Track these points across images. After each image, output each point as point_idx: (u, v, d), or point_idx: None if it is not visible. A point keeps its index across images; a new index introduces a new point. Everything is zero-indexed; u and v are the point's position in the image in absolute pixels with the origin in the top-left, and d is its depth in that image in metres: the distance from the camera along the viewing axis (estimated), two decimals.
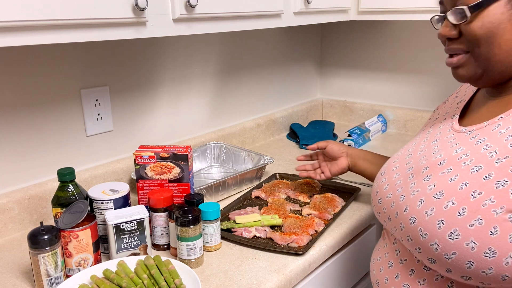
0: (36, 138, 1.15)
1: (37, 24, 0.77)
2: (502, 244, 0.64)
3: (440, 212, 0.70)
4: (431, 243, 0.70)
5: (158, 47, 1.38)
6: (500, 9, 0.69)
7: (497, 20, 0.70)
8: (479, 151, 0.72)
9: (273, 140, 1.86)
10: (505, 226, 0.64)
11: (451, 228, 0.68)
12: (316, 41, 2.07)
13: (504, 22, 0.69)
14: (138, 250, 0.96)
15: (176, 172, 1.07)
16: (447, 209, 0.69)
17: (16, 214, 1.10)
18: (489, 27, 0.70)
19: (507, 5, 0.69)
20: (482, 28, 0.71)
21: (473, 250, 0.66)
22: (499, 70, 0.74)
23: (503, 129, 0.71)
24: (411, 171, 0.82)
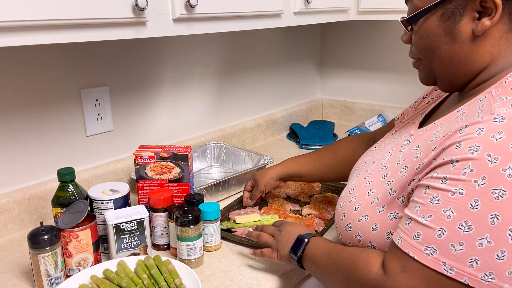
0: (36, 138, 1.15)
1: (37, 24, 0.77)
2: (379, 241, 0.69)
3: (346, 206, 0.77)
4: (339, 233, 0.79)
5: (158, 47, 1.38)
6: (435, 21, 0.69)
7: (433, 33, 0.70)
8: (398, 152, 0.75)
9: (273, 140, 1.86)
10: (384, 224, 0.69)
11: (348, 220, 0.75)
12: (316, 41, 2.07)
13: (441, 35, 0.69)
14: (138, 250, 0.96)
15: (176, 172, 1.07)
16: (350, 203, 0.76)
17: (16, 214, 1.10)
18: (427, 40, 0.71)
19: (441, 18, 0.68)
20: (422, 40, 0.72)
21: (359, 243, 0.72)
22: (446, 80, 0.74)
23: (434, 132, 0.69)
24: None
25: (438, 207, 0.56)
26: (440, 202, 0.56)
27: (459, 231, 0.54)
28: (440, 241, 0.55)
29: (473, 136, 0.56)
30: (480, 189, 0.53)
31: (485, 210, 0.53)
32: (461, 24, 0.67)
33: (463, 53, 0.69)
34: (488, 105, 0.61)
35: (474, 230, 0.53)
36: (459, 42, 0.68)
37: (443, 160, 0.59)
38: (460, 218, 0.54)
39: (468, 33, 0.67)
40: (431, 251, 0.56)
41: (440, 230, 0.55)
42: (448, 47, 0.69)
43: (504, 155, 0.53)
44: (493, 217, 0.52)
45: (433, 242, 0.56)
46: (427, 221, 0.57)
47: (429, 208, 0.57)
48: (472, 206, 0.54)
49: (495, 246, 0.52)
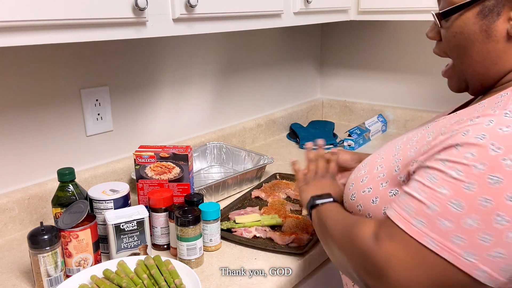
0: (36, 138, 1.15)
1: (37, 24, 0.77)
2: (377, 213, 0.72)
3: (355, 177, 0.80)
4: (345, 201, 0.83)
5: (158, 47, 1.38)
6: (471, 19, 0.68)
7: (468, 30, 0.69)
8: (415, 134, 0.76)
9: (273, 140, 1.86)
10: (384, 199, 0.71)
11: (354, 190, 0.78)
12: (316, 41, 2.07)
13: (476, 33, 0.68)
14: (138, 250, 0.96)
15: (176, 172, 1.07)
16: (359, 175, 0.79)
17: (16, 214, 1.10)
18: (460, 37, 0.70)
19: (479, 15, 0.67)
20: (455, 37, 0.71)
21: (360, 212, 0.76)
22: (478, 82, 0.73)
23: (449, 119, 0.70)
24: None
25: (434, 185, 0.58)
26: (438, 181, 0.58)
27: (450, 208, 0.56)
28: (429, 215, 0.57)
29: (481, 126, 0.57)
30: (477, 173, 0.55)
31: (478, 193, 0.54)
32: (497, 23, 0.66)
33: (496, 53, 0.68)
34: (505, 102, 0.62)
35: (464, 210, 0.55)
36: (493, 41, 0.67)
37: (448, 144, 0.60)
38: (453, 196, 0.56)
39: (503, 33, 0.66)
40: (418, 223, 0.58)
41: (431, 205, 0.57)
42: (482, 46, 0.68)
43: (507, 147, 0.55)
44: (484, 200, 0.54)
45: (422, 215, 0.58)
46: (421, 196, 0.59)
47: (425, 185, 0.59)
48: (467, 188, 0.55)
49: (481, 228, 0.54)
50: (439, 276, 0.57)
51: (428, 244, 0.56)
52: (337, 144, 1.76)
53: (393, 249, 0.59)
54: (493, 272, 0.55)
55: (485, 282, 0.55)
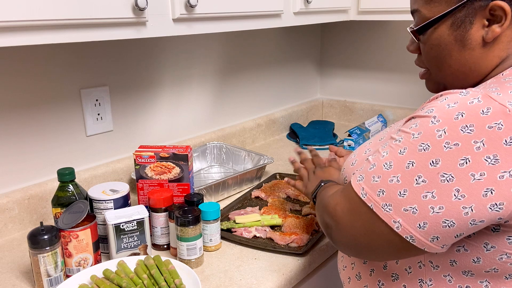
0: (36, 138, 1.15)
1: (37, 24, 0.77)
2: None
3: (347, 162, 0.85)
4: None
5: (158, 47, 1.38)
6: (445, 31, 0.71)
7: (444, 42, 0.71)
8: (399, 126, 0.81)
9: (273, 140, 1.86)
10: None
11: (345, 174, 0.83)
12: (316, 41, 2.07)
13: (451, 43, 0.71)
14: (138, 250, 0.96)
15: (176, 172, 1.07)
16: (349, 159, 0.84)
17: (16, 214, 1.10)
18: (437, 49, 0.73)
19: (451, 27, 0.70)
20: (432, 49, 0.74)
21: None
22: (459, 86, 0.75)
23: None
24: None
25: (382, 150, 0.66)
26: (386, 147, 0.66)
27: (382, 167, 0.63)
28: (368, 172, 0.65)
29: (436, 102, 0.63)
30: (412, 140, 0.61)
31: (407, 156, 0.61)
32: (471, 31, 0.68)
33: (473, 59, 0.70)
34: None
35: (391, 169, 0.62)
36: (469, 49, 0.69)
37: (408, 117, 0.67)
38: (388, 158, 0.63)
39: (478, 40, 0.68)
40: (360, 178, 0.66)
41: (372, 165, 0.65)
42: (459, 55, 0.71)
43: (445, 120, 0.59)
44: (410, 163, 0.60)
45: (364, 173, 0.66)
46: (371, 158, 0.67)
47: (378, 151, 0.67)
48: (400, 152, 0.62)
49: (401, 184, 0.61)
50: (368, 223, 0.64)
51: (360, 195, 0.65)
52: (337, 144, 1.76)
53: (340, 199, 0.69)
54: (407, 226, 0.60)
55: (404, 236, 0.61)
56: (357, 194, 0.65)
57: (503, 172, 0.56)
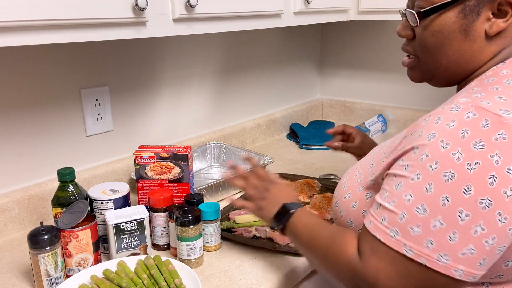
0: (36, 138, 1.15)
1: (37, 24, 0.77)
2: (356, 218, 0.75)
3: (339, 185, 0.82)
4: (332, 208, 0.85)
5: (158, 47, 1.38)
6: (452, 18, 0.68)
7: (448, 29, 0.69)
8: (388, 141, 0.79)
9: (273, 140, 1.86)
10: (361, 203, 0.74)
11: (337, 198, 0.81)
12: (316, 41, 2.07)
13: (455, 32, 0.68)
14: (138, 250, 0.96)
15: (176, 172, 1.07)
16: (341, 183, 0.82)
17: (16, 214, 1.10)
18: (439, 36, 0.70)
19: (459, 14, 0.67)
20: (433, 35, 0.70)
21: (342, 218, 0.78)
22: (446, 78, 0.74)
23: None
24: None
25: (400, 192, 0.59)
26: (402, 187, 0.60)
27: (416, 213, 0.57)
28: (401, 224, 0.58)
29: (432, 125, 0.60)
30: (433, 173, 0.57)
31: (437, 193, 0.56)
32: (477, 23, 0.67)
33: (471, 52, 0.69)
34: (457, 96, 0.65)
35: (428, 213, 0.56)
36: (471, 41, 0.68)
37: (407, 148, 0.62)
38: (417, 201, 0.57)
39: (481, 33, 0.67)
40: (394, 233, 0.59)
41: (401, 214, 0.58)
42: (459, 45, 0.69)
43: (454, 141, 0.56)
44: (444, 199, 0.55)
45: (396, 225, 0.59)
46: (392, 205, 0.60)
47: (393, 194, 0.61)
48: (427, 190, 0.57)
49: (447, 228, 0.55)
50: (422, 281, 0.58)
51: (405, 253, 0.57)
52: None
53: (378, 264, 0.60)
54: (469, 269, 0.56)
55: (466, 279, 0.56)
56: (400, 254, 0.58)
57: None
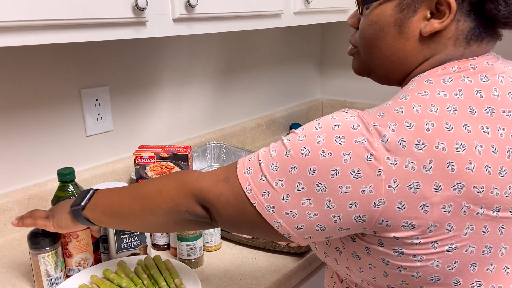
0: (36, 138, 1.15)
1: (37, 24, 0.77)
2: None
3: None
4: None
5: (158, 47, 1.38)
6: (389, 10, 0.66)
7: (383, 21, 0.67)
8: None
9: (273, 140, 1.86)
10: None
11: None
12: (316, 41, 2.07)
13: (390, 25, 0.66)
14: (138, 250, 0.96)
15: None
16: None
17: (16, 214, 1.10)
18: (374, 27, 0.68)
19: (396, 8, 0.65)
20: (369, 26, 0.69)
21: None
22: (383, 74, 0.72)
23: None
24: None
25: (271, 147, 0.65)
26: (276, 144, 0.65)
27: (269, 167, 0.63)
28: (256, 168, 0.64)
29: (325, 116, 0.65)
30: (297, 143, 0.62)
31: (291, 160, 0.61)
32: (412, 20, 0.65)
33: (404, 51, 0.67)
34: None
35: (277, 171, 0.62)
36: (404, 38, 0.66)
37: None
38: (275, 158, 0.63)
39: (415, 32, 0.65)
40: (248, 172, 0.65)
41: (261, 161, 0.64)
42: (393, 41, 0.67)
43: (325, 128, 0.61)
44: (293, 167, 0.61)
45: (253, 167, 0.65)
46: (261, 153, 0.66)
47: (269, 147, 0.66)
48: (286, 154, 0.62)
49: (285, 189, 0.61)
50: (250, 221, 0.65)
51: (245, 190, 0.64)
52: None
53: (224, 189, 0.66)
54: (286, 226, 0.62)
55: (282, 233, 0.63)
56: (242, 189, 0.64)
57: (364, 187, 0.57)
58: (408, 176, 0.56)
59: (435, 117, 0.57)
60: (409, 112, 0.58)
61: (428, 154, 0.56)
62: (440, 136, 0.56)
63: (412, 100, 0.60)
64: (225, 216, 0.67)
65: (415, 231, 0.58)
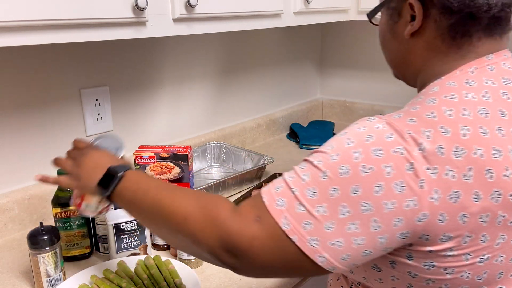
0: (36, 138, 1.15)
1: (37, 24, 0.77)
2: None
3: None
4: None
5: (158, 47, 1.38)
6: (384, 18, 0.73)
7: (383, 29, 0.74)
8: None
9: (273, 140, 1.86)
10: None
11: None
12: (316, 41, 2.07)
13: (386, 31, 0.73)
14: (138, 250, 0.96)
15: (176, 172, 1.07)
16: None
17: (16, 214, 1.10)
18: (380, 35, 0.75)
19: (387, 16, 0.71)
20: (379, 35, 0.76)
21: None
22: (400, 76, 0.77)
23: None
24: None
25: (300, 171, 0.59)
26: (304, 168, 0.59)
27: (306, 194, 0.57)
28: (290, 197, 0.57)
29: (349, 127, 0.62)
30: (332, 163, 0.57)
31: (330, 182, 0.56)
32: (399, 24, 0.69)
33: (401, 53, 0.71)
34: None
35: (317, 197, 0.56)
36: (397, 41, 0.71)
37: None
38: (311, 183, 0.57)
39: (402, 34, 0.69)
40: (281, 203, 0.58)
41: (294, 189, 0.58)
42: (392, 44, 0.73)
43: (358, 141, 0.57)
44: (333, 190, 0.55)
45: (286, 197, 0.58)
46: (290, 180, 0.59)
47: (295, 171, 0.60)
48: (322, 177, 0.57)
49: (328, 216, 0.55)
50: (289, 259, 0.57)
51: (282, 224, 0.56)
52: None
53: (257, 231, 0.57)
54: (332, 259, 0.56)
55: (326, 268, 0.57)
56: (278, 224, 0.57)
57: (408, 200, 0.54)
58: (448, 186, 0.53)
59: (470, 121, 0.56)
60: (442, 117, 0.56)
61: (467, 161, 0.54)
62: (477, 142, 0.54)
63: (441, 104, 0.58)
64: (258, 262, 0.58)
65: (450, 243, 0.56)
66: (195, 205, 0.62)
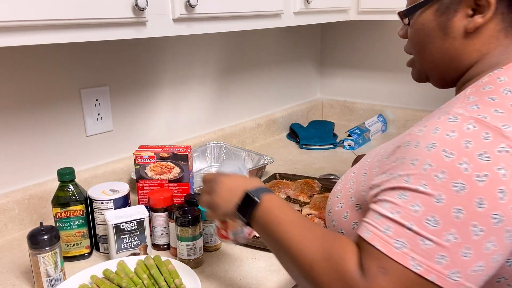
0: (36, 138, 1.15)
1: (37, 24, 0.77)
2: (347, 229, 0.73)
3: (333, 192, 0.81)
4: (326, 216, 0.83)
5: (158, 47, 1.38)
6: (430, 16, 0.70)
7: (427, 27, 0.71)
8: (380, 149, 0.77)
9: (273, 140, 1.86)
10: (352, 214, 0.73)
11: (330, 206, 0.79)
12: (316, 41, 2.07)
13: (434, 30, 0.70)
14: (138, 250, 0.96)
15: (176, 172, 1.07)
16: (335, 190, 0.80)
17: (16, 214, 1.10)
18: (421, 34, 0.72)
19: (436, 13, 0.69)
20: (416, 34, 0.73)
21: (334, 228, 0.77)
22: (438, 77, 0.75)
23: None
24: None
25: (406, 202, 0.55)
26: (408, 198, 0.55)
27: (427, 225, 0.52)
28: (409, 236, 0.53)
29: (429, 135, 0.57)
30: (441, 183, 0.53)
31: (449, 204, 0.52)
32: (455, 20, 0.67)
33: (454, 50, 0.69)
34: (451, 105, 0.62)
35: (441, 225, 0.52)
36: (451, 38, 0.69)
37: (404, 159, 0.58)
38: (427, 212, 0.53)
39: (460, 30, 0.67)
40: (400, 245, 0.53)
41: (409, 224, 0.53)
42: (440, 43, 0.70)
43: (458, 151, 0.53)
44: (457, 211, 0.52)
45: (403, 236, 0.53)
46: (397, 216, 0.55)
47: (397, 204, 0.56)
48: (437, 200, 0.53)
49: (461, 242, 0.51)
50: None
51: (413, 267, 0.52)
52: (337, 144, 1.76)
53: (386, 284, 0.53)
54: (475, 286, 0.53)
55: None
56: (407, 268, 0.52)
57: None
58: None
59: None
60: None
61: None
62: None
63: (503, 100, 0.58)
64: None
65: None
66: (321, 253, 0.59)
